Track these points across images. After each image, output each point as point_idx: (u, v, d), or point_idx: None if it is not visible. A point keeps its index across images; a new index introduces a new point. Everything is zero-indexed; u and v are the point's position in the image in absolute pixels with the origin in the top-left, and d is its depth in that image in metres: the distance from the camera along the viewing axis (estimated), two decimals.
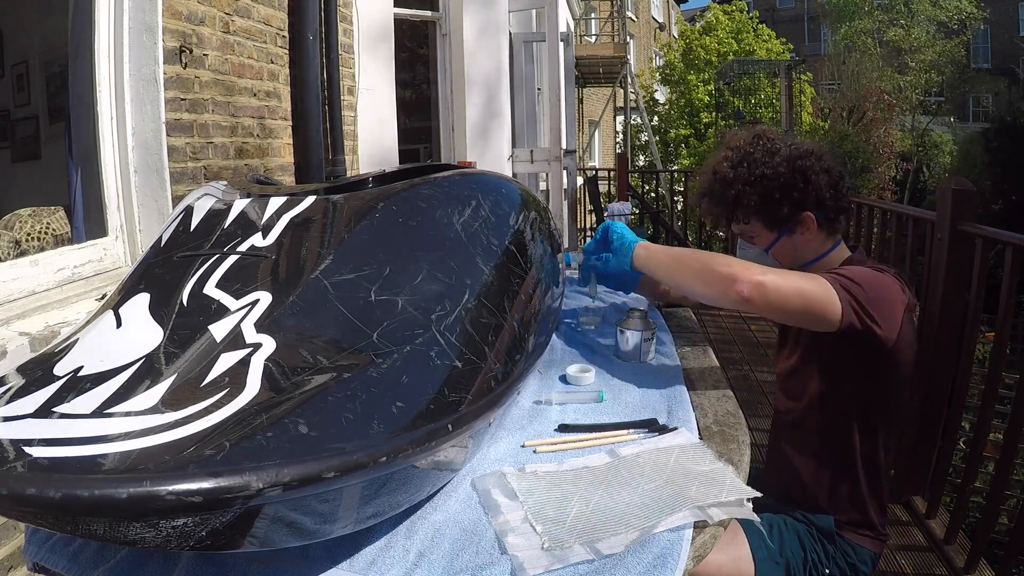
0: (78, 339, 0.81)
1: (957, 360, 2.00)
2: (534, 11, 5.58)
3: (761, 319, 3.92)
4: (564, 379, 1.26)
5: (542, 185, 5.23)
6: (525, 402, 1.16)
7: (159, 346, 0.76)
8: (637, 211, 8.44)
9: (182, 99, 2.08)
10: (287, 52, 2.70)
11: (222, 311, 0.80)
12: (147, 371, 0.72)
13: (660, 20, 23.95)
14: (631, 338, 1.35)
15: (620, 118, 17.24)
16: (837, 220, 1.28)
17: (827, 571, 1.21)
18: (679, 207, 8.78)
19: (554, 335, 1.42)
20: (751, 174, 1.25)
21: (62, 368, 0.74)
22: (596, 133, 17.53)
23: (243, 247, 0.91)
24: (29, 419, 0.65)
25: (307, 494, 0.59)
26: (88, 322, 0.86)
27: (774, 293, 1.09)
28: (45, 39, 2.99)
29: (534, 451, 1.00)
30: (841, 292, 1.10)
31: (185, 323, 0.80)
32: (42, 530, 0.82)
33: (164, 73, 1.97)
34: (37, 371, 0.74)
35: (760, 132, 1.33)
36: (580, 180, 7.80)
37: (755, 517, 0.84)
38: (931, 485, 2.14)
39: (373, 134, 3.44)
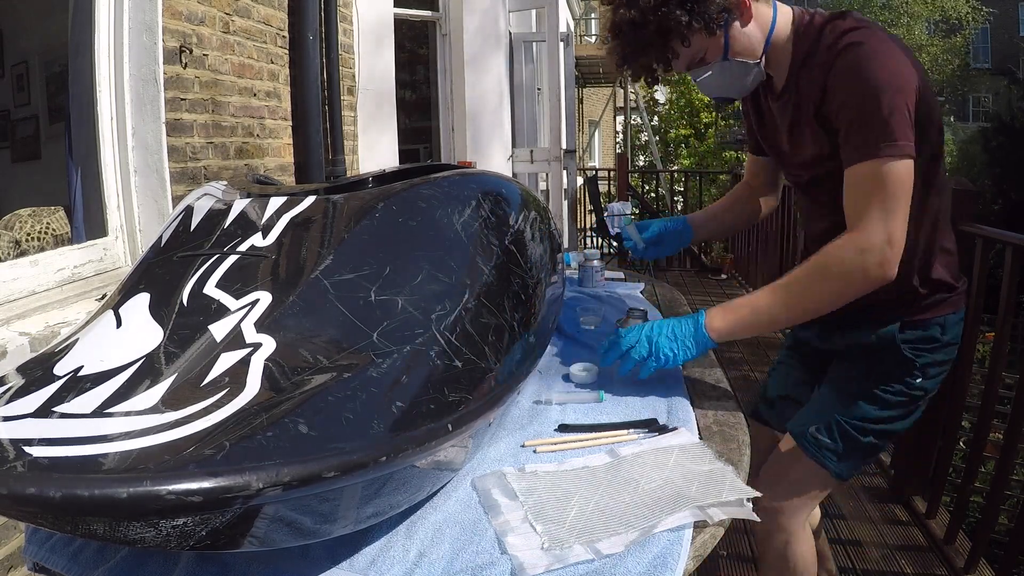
0: (78, 339, 0.80)
1: (957, 360, 2.00)
2: (534, 11, 5.57)
3: None
4: (564, 379, 1.26)
5: (542, 185, 5.22)
6: (525, 402, 1.16)
7: (159, 346, 0.76)
8: (637, 211, 8.44)
9: (182, 99, 2.08)
10: (287, 52, 2.70)
11: (222, 311, 0.80)
12: (147, 371, 0.72)
13: None
14: None
15: (620, 118, 17.23)
16: None
17: (917, 379, 1.24)
18: (679, 207, 8.79)
19: (554, 335, 1.42)
20: None
21: (62, 368, 0.74)
22: (596, 133, 17.52)
23: (243, 247, 0.91)
24: (29, 419, 0.65)
25: (307, 494, 0.59)
26: (88, 322, 0.86)
27: (903, 235, 0.98)
28: (45, 39, 2.99)
29: (534, 451, 1.00)
30: (910, 146, 1.00)
31: (185, 323, 0.79)
32: (42, 530, 0.82)
33: (164, 73, 1.97)
34: (37, 371, 0.74)
35: None
36: (580, 180, 7.79)
37: (755, 517, 0.84)
38: (931, 485, 2.14)
39: (373, 134, 3.44)
